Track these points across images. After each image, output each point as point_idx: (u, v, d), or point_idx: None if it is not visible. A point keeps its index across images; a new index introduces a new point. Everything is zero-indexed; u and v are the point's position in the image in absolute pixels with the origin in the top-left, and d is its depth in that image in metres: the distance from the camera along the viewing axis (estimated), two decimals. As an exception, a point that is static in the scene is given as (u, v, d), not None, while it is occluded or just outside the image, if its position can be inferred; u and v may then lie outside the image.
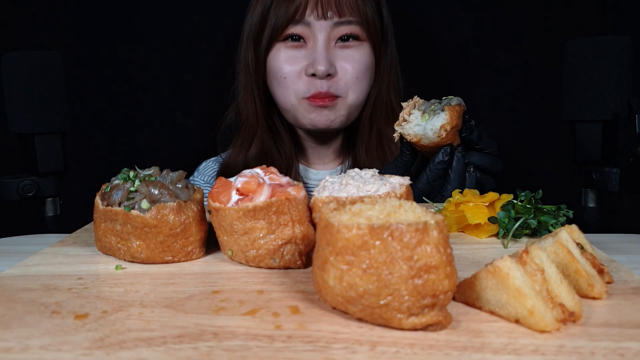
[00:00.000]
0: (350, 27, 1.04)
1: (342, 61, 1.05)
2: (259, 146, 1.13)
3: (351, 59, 1.05)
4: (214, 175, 1.20)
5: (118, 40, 1.33)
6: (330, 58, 1.03)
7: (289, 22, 1.03)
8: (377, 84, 1.12)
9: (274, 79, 1.08)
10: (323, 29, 1.03)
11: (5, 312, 0.42)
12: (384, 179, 0.55)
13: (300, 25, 1.03)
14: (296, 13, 1.02)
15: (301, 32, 1.04)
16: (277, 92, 1.10)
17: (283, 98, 1.08)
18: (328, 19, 1.02)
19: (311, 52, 1.04)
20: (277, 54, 1.06)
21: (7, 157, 1.07)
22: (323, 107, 1.06)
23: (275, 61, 1.07)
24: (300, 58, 1.05)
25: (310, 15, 1.03)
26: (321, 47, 1.03)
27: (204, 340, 0.36)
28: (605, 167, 0.87)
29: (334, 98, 1.05)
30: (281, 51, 1.06)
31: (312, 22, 1.03)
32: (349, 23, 1.04)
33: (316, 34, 1.03)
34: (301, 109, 1.07)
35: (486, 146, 0.85)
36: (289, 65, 1.05)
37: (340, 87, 1.05)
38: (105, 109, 1.34)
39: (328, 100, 1.05)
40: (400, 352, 0.35)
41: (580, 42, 0.86)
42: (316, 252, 0.41)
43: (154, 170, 0.58)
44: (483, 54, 1.34)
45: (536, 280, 0.39)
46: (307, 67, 1.04)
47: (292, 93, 1.06)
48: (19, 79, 0.87)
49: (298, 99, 1.06)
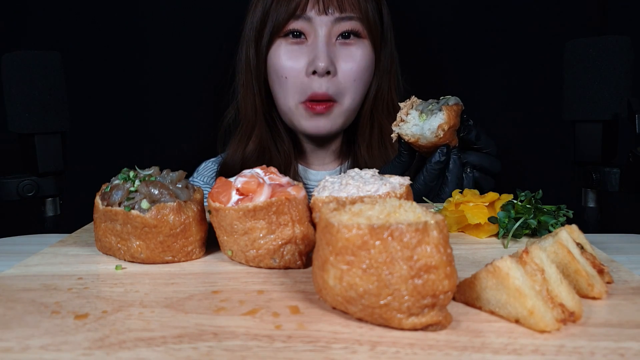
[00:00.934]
0: (351, 23, 1.05)
1: (342, 61, 1.05)
2: (257, 143, 1.13)
3: (351, 58, 1.06)
4: (214, 176, 1.20)
5: (118, 40, 1.33)
6: (331, 55, 1.04)
7: (290, 17, 1.03)
8: (377, 80, 1.13)
9: (275, 79, 1.08)
10: (324, 24, 1.03)
11: (5, 312, 0.42)
12: (384, 179, 0.55)
13: (301, 21, 1.04)
14: (297, 8, 1.03)
15: (302, 27, 1.04)
16: (277, 94, 1.10)
17: (283, 100, 1.09)
18: (329, 14, 1.03)
19: (312, 49, 1.04)
20: (277, 51, 1.07)
21: (7, 157, 1.07)
22: (320, 115, 1.06)
23: (276, 58, 1.07)
24: (301, 54, 1.05)
25: (312, 10, 1.03)
26: (322, 43, 1.03)
27: (204, 340, 0.36)
28: (605, 167, 0.86)
29: (330, 105, 1.05)
30: (282, 47, 1.06)
31: (313, 17, 1.03)
32: (349, 19, 1.04)
33: (317, 30, 1.04)
34: (298, 115, 1.08)
35: (485, 146, 0.85)
36: (290, 62, 1.05)
37: (338, 88, 1.05)
38: (105, 109, 1.34)
39: (324, 107, 1.05)
40: (400, 352, 0.35)
41: (580, 42, 0.86)
42: (316, 252, 0.41)
43: (154, 170, 0.58)
44: (483, 53, 1.34)
45: (536, 280, 0.39)
46: (307, 65, 1.04)
47: (290, 96, 1.06)
48: (19, 79, 0.87)
49: (296, 104, 1.07)
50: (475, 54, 1.35)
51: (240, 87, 1.14)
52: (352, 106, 1.09)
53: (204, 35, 1.35)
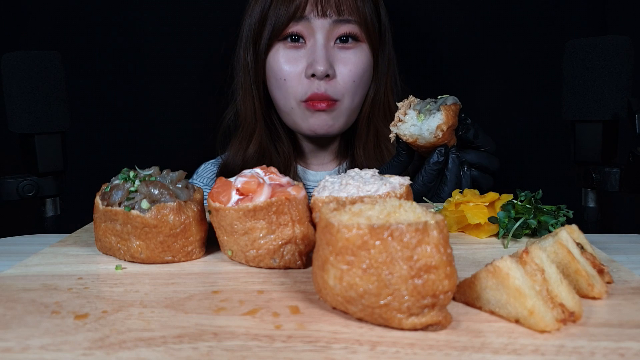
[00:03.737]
0: (349, 26, 1.05)
1: (340, 64, 1.05)
2: (257, 145, 1.13)
3: (350, 62, 1.06)
4: (213, 178, 1.20)
5: (118, 40, 1.33)
6: (330, 58, 1.04)
7: (290, 19, 1.03)
8: (374, 84, 1.13)
9: (273, 81, 1.09)
10: (322, 27, 1.04)
11: (5, 312, 0.42)
12: (384, 179, 0.55)
13: (299, 24, 1.04)
14: (297, 10, 1.03)
15: (300, 30, 1.04)
16: (276, 95, 1.10)
17: (283, 101, 1.09)
18: (327, 17, 1.03)
19: (310, 52, 1.04)
20: (276, 54, 1.07)
21: (7, 157, 1.07)
22: (321, 112, 1.06)
23: (274, 62, 1.07)
24: (299, 58, 1.05)
25: (311, 13, 1.03)
26: (320, 47, 1.03)
27: (204, 340, 0.36)
28: (605, 167, 0.86)
29: (332, 103, 1.06)
30: (280, 51, 1.06)
31: (312, 19, 1.03)
32: (347, 22, 1.05)
33: (315, 32, 1.04)
34: (299, 113, 1.07)
35: (483, 144, 0.85)
36: (289, 66, 1.05)
37: (337, 90, 1.05)
38: (105, 109, 1.34)
39: (326, 104, 1.05)
40: (400, 352, 0.35)
41: (580, 42, 0.86)
42: (316, 252, 0.41)
43: (154, 170, 0.58)
44: (482, 53, 1.34)
45: (536, 280, 0.39)
46: (306, 68, 1.04)
47: (291, 96, 1.06)
48: (19, 79, 0.87)
49: (297, 102, 1.07)
50: (474, 53, 1.35)
51: (239, 88, 1.14)
52: (352, 105, 1.09)
53: (205, 35, 1.34)
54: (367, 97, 1.13)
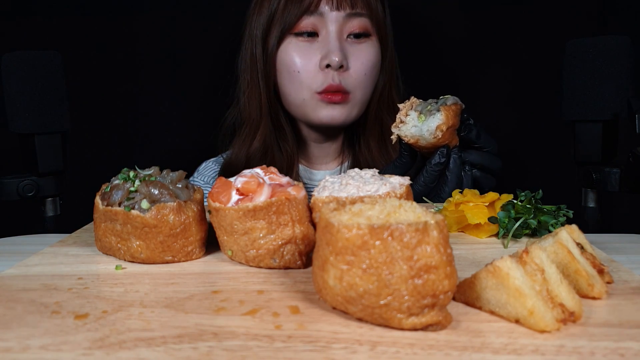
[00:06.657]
0: (361, 20, 1.07)
1: (353, 57, 1.07)
2: (261, 142, 1.13)
3: (362, 55, 1.08)
4: (214, 176, 1.20)
5: (118, 40, 1.33)
6: (343, 50, 1.05)
7: (303, 13, 1.05)
8: (382, 78, 1.14)
9: (285, 74, 1.09)
10: (336, 20, 1.05)
11: (5, 312, 0.42)
12: (384, 179, 0.55)
13: (313, 17, 1.05)
14: (310, 5, 1.04)
15: (313, 24, 1.06)
16: (288, 88, 1.10)
17: (295, 93, 1.09)
18: (341, 10, 1.05)
19: (324, 44, 1.05)
20: (288, 48, 1.07)
21: (7, 157, 1.07)
22: (336, 104, 1.07)
23: (286, 55, 1.08)
24: (312, 51, 1.06)
25: (325, 6, 1.05)
26: (334, 39, 1.05)
27: (204, 340, 0.36)
28: (605, 167, 0.86)
29: (346, 95, 1.07)
30: (292, 44, 1.07)
31: (325, 12, 1.05)
32: (360, 15, 1.06)
33: (328, 26, 1.05)
34: (312, 105, 1.08)
35: (485, 144, 0.85)
36: (302, 58, 1.06)
37: (350, 82, 1.07)
38: (105, 109, 1.34)
39: (340, 97, 1.06)
40: (400, 352, 0.35)
41: (580, 42, 0.86)
42: (316, 252, 0.41)
43: (154, 170, 0.58)
44: (483, 53, 1.34)
45: (536, 280, 0.39)
46: (321, 59, 1.05)
47: (304, 87, 1.07)
48: (19, 79, 0.87)
49: (311, 94, 1.07)
50: (475, 53, 1.35)
51: (245, 86, 1.14)
52: (363, 98, 1.11)
53: (205, 35, 1.35)
54: (376, 91, 1.14)
